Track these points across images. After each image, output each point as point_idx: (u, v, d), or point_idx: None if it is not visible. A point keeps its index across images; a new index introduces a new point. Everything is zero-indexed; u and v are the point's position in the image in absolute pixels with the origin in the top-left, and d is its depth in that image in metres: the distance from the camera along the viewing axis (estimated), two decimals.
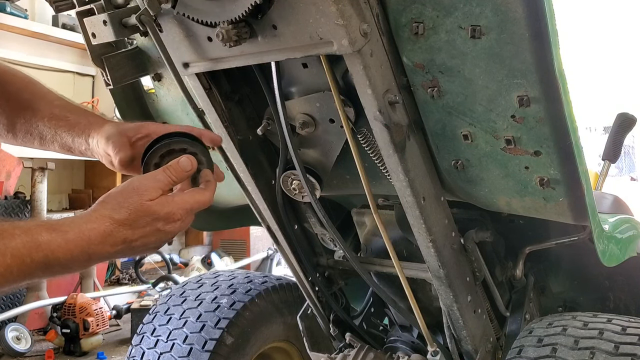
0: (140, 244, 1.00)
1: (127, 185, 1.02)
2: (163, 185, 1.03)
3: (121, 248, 0.99)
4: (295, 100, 1.34)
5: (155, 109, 1.67)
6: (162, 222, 1.00)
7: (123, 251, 1.00)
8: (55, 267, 0.93)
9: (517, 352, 1.34)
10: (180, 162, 1.07)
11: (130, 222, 0.98)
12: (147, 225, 0.99)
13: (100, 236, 0.96)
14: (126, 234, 0.98)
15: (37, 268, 0.90)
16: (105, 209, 0.98)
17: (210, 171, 1.12)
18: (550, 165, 1.18)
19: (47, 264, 0.91)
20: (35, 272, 0.91)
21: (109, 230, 0.96)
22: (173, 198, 1.03)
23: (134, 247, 1.00)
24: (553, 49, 1.01)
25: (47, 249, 0.91)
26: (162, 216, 1.00)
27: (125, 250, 1.00)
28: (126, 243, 0.99)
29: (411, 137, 1.23)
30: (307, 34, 1.04)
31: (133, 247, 1.00)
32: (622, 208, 2.25)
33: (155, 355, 1.94)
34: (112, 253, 0.99)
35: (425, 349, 1.66)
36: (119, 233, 0.97)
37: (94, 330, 4.06)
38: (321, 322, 1.77)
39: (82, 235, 0.95)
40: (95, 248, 0.96)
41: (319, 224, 1.57)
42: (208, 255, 6.03)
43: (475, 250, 1.51)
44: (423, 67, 1.15)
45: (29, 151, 4.18)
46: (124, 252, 1.01)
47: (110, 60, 1.34)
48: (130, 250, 1.01)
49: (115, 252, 0.99)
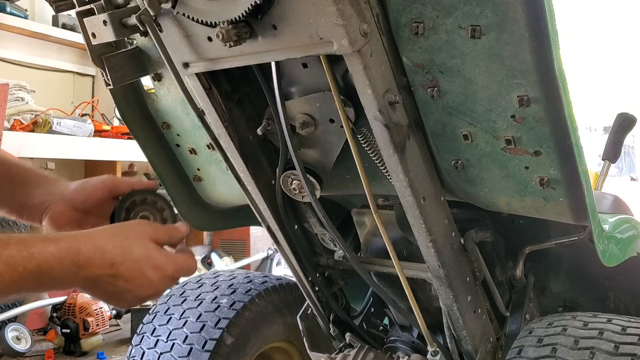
0: (123, 283, 0.95)
1: (135, 224, 1.03)
2: (164, 239, 1.04)
3: (107, 273, 0.94)
4: (295, 100, 1.34)
5: (155, 109, 1.67)
6: (155, 270, 0.98)
7: (105, 281, 0.95)
8: (45, 279, 0.90)
9: (517, 352, 1.34)
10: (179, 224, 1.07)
11: (126, 248, 0.95)
12: (140, 261, 0.96)
13: (92, 249, 0.93)
14: (117, 258, 0.94)
15: (29, 278, 0.88)
16: (107, 230, 0.97)
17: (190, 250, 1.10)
18: (550, 165, 1.18)
19: (38, 274, 0.89)
20: (26, 283, 0.89)
21: (102, 246, 0.94)
22: (174, 255, 1.02)
23: (118, 284, 0.95)
24: (553, 49, 1.01)
25: (39, 257, 0.89)
26: (158, 264, 0.98)
27: (107, 281, 0.95)
28: (114, 269, 0.94)
29: (411, 137, 1.23)
30: (307, 34, 1.04)
31: (116, 281, 0.95)
32: (622, 208, 2.25)
33: (155, 355, 1.94)
34: (96, 276, 0.94)
35: (425, 349, 1.66)
36: (111, 254, 0.94)
37: (94, 330, 4.06)
38: (321, 322, 1.77)
39: (74, 244, 0.93)
40: (85, 261, 0.92)
41: (319, 224, 1.57)
42: (208, 255, 6.02)
43: (475, 250, 1.51)
44: (423, 67, 1.15)
45: (29, 151, 4.18)
46: (106, 283, 0.95)
47: (110, 60, 1.34)
48: (113, 281, 0.95)
49: (99, 275, 0.94)
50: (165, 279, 1.01)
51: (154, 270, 0.99)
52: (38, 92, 4.66)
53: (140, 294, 1.00)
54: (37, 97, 4.59)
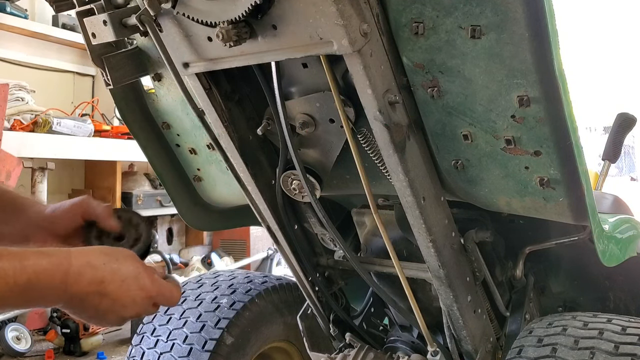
0: (108, 302, 0.95)
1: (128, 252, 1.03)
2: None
3: (95, 290, 0.94)
4: (295, 100, 1.34)
5: (155, 109, 1.67)
6: (140, 291, 0.98)
7: (91, 299, 0.94)
8: (33, 293, 0.90)
9: (517, 352, 1.34)
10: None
11: (116, 266, 0.95)
12: (128, 280, 0.96)
13: (84, 265, 0.92)
14: (107, 276, 0.94)
15: (18, 291, 0.87)
16: (98, 248, 0.97)
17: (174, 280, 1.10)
18: (550, 165, 1.18)
19: (28, 288, 0.88)
20: (12, 296, 0.88)
21: (93, 263, 0.93)
22: (160, 280, 1.02)
23: (103, 303, 0.94)
24: (553, 49, 1.01)
25: (31, 271, 0.88)
26: (143, 285, 0.98)
27: (93, 300, 0.94)
28: (101, 286, 0.94)
29: (411, 137, 1.23)
30: (307, 34, 1.04)
31: (102, 300, 0.94)
32: (622, 208, 2.25)
33: (155, 355, 1.94)
34: (83, 293, 0.94)
35: (425, 349, 1.66)
36: (102, 271, 0.94)
37: (94, 330, 4.06)
38: (321, 322, 1.77)
39: (66, 259, 0.92)
40: (75, 277, 0.92)
41: (319, 224, 1.57)
42: (208, 255, 6.01)
43: (475, 250, 1.51)
44: (423, 67, 1.15)
45: (29, 151, 4.18)
46: (92, 301, 0.95)
47: (110, 60, 1.34)
48: (99, 300, 0.95)
49: (87, 292, 0.94)
50: (148, 301, 1.01)
51: (139, 291, 0.99)
52: (38, 92, 4.66)
53: (123, 314, 0.99)
54: (37, 97, 4.59)
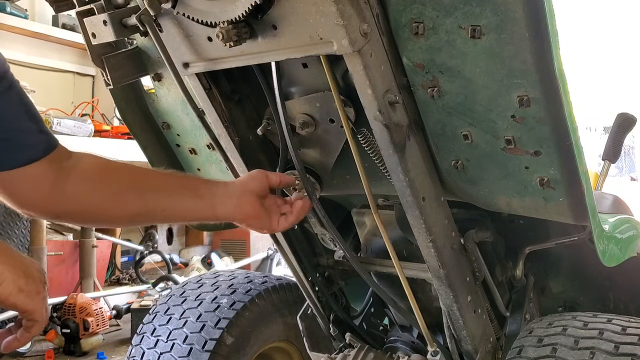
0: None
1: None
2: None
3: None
4: (295, 100, 1.34)
5: (155, 109, 1.67)
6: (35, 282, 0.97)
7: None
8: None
9: (517, 352, 1.34)
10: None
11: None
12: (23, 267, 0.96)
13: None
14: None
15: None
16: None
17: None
18: (550, 165, 1.18)
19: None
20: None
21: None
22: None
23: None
24: (553, 49, 1.01)
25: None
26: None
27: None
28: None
29: (411, 137, 1.23)
30: (307, 34, 1.04)
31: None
32: (622, 208, 2.25)
33: (155, 355, 1.94)
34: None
35: (425, 349, 1.66)
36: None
37: (94, 330, 4.06)
38: (321, 322, 1.77)
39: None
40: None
41: (319, 224, 1.57)
42: (208, 255, 6.02)
43: (475, 250, 1.51)
44: (423, 67, 1.15)
45: None
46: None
47: (110, 60, 1.34)
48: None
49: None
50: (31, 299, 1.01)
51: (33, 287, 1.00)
52: (38, 92, 4.66)
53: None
54: (37, 97, 4.59)
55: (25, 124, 1.12)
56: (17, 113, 1.11)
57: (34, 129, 1.14)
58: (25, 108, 1.13)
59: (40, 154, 1.13)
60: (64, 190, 1.17)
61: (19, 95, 1.12)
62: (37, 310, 0.97)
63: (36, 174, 1.13)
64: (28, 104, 1.14)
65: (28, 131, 1.13)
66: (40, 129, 1.15)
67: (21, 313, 0.98)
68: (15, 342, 0.99)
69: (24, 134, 1.12)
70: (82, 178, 1.19)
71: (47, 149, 1.15)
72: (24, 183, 1.14)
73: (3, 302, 0.94)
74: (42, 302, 0.98)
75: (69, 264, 4.80)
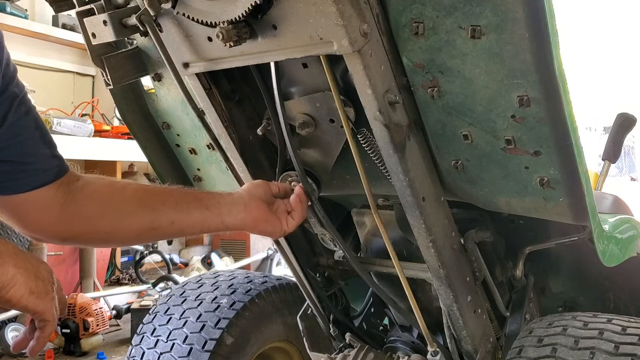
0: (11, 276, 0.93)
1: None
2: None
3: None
4: (295, 100, 1.34)
5: (155, 109, 1.67)
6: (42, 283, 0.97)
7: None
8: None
9: (517, 352, 1.34)
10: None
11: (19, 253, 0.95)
12: (33, 268, 0.95)
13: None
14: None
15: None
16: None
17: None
18: (550, 165, 1.18)
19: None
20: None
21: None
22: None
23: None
24: (553, 49, 1.01)
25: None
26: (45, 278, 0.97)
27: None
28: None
29: (411, 137, 1.23)
30: (307, 34, 1.04)
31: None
32: (622, 208, 2.25)
33: (155, 355, 1.94)
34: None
35: (425, 349, 1.66)
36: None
37: (94, 330, 4.06)
38: (321, 322, 1.77)
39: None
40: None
41: (319, 224, 1.57)
42: (208, 255, 6.02)
43: (475, 250, 1.51)
44: (423, 67, 1.15)
45: None
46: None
47: (110, 60, 1.34)
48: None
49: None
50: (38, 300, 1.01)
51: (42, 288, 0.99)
52: (38, 92, 4.66)
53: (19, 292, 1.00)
54: (37, 97, 4.59)
55: (40, 148, 1.13)
56: (33, 137, 1.12)
57: (48, 153, 1.14)
58: (41, 132, 1.13)
59: (51, 178, 1.14)
60: (73, 212, 1.17)
61: (36, 119, 1.13)
62: (48, 310, 0.97)
63: (46, 197, 1.13)
64: (43, 128, 1.14)
65: (42, 155, 1.13)
66: (53, 153, 1.16)
67: (32, 314, 0.98)
68: (37, 345, 0.99)
69: (39, 159, 1.13)
70: (92, 200, 1.20)
71: (58, 173, 1.15)
72: (33, 206, 1.14)
73: (15, 305, 0.94)
74: (51, 302, 0.99)
75: (69, 264, 4.80)
